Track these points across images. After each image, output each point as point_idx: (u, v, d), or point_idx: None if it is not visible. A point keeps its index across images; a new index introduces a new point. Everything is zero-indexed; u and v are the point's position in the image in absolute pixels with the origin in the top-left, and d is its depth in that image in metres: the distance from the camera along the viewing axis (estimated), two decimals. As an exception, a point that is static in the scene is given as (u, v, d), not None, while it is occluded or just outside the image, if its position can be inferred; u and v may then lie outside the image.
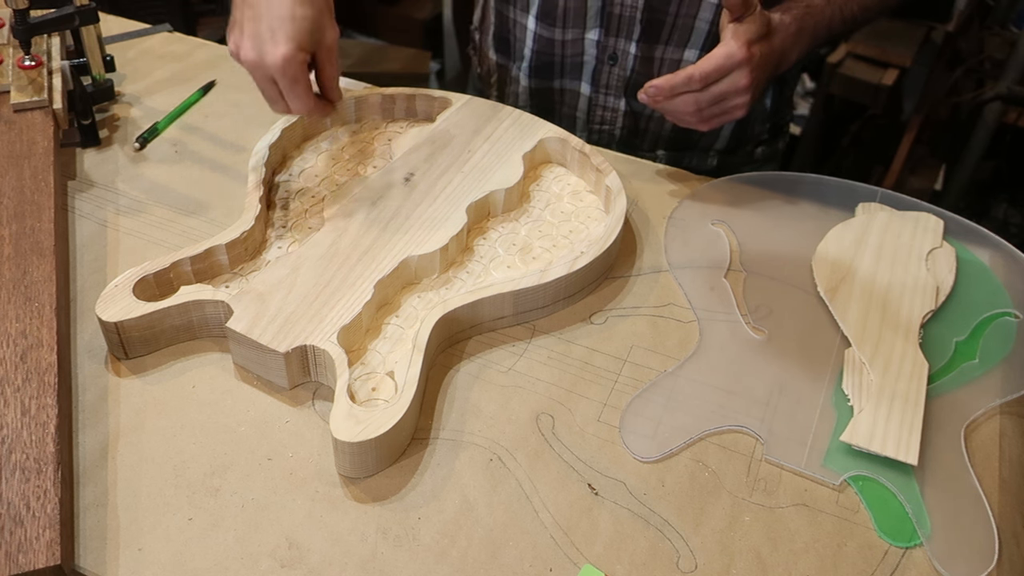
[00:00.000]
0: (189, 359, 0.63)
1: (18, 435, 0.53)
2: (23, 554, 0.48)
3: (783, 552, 0.52)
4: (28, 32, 0.79)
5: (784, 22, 0.74)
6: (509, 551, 0.52)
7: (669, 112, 0.74)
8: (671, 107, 0.73)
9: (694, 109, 0.72)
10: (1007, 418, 0.61)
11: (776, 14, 0.75)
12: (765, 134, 0.98)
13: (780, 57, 0.75)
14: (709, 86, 0.71)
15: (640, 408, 0.60)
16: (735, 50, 0.70)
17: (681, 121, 0.74)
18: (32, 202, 0.70)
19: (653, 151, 0.95)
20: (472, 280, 0.68)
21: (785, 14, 0.75)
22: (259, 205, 0.70)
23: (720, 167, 0.92)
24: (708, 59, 0.70)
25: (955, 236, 0.76)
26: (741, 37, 0.70)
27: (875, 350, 0.64)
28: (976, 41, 2.07)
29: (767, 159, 1.01)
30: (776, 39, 0.74)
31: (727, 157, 0.97)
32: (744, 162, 0.98)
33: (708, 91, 0.71)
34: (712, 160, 0.97)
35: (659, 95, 0.71)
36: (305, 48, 0.68)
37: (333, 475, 0.55)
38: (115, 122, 0.88)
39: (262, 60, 0.67)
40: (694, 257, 0.73)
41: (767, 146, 1.00)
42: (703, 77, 0.70)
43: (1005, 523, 0.54)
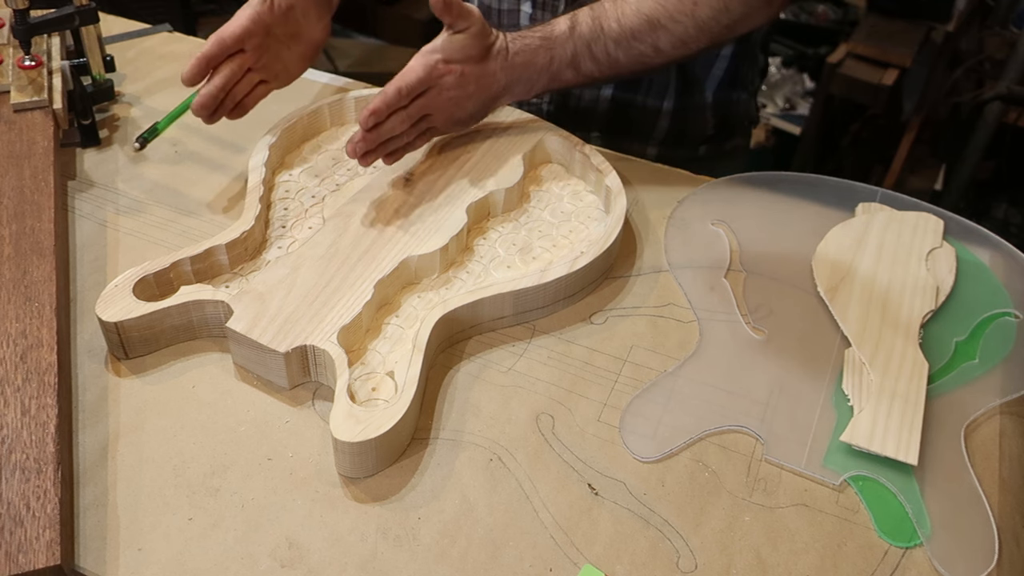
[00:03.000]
0: (189, 359, 0.63)
1: (18, 435, 0.53)
2: (23, 554, 0.48)
3: (783, 552, 0.52)
4: (28, 32, 0.79)
5: (508, 50, 0.73)
6: (509, 551, 0.52)
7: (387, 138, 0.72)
8: (388, 130, 0.71)
9: (406, 126, 0.71)
10: (1007, 418, 0.61)
11: (503, 40, 0.73)
12: (710, 130, 0.97)
13: (500, 85, 0.73)
14: (414, 100, 0.70)
15: (640, 408, 0.60)
16: (434, 62, 0.70)
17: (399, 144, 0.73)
18: (32, 202, 0.70)
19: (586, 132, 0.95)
20: (472, 280, 0.68)
21: (516, 42, 0.73)
22: (259, 205, 0.70)
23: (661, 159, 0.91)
24: (409, 71, 0.70)
25: (955, 236, 0.76)
26: (444, 51, 0.70)
27: (875, 350, 0.64)
28: (976, 41, 2.07)
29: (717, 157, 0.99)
30: (493, 65, 0.72)
31: (668, 150, 0.96)
32: (688, 158, 0.95)
33: (413, 104, 0.71)
34: (652, 150, 0.96)
35: (378, 117, 0.69)
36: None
37: (333, 475, 0.55)
38: (115, 122, 0.88)
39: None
40: (694, 257, 0.73)
41: (711, 144, 0.98)
42: (409, 90, 0.69)
43: (1005, 523, 0.54)
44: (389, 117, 0.70)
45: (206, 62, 0.74)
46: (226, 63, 0.75)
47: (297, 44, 0.80)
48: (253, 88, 0.79)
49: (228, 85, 0.76)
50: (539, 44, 0.74)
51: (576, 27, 0.74)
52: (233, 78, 0.76)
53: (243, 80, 0.77)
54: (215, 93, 0.75)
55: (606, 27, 0.74)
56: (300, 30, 0.79)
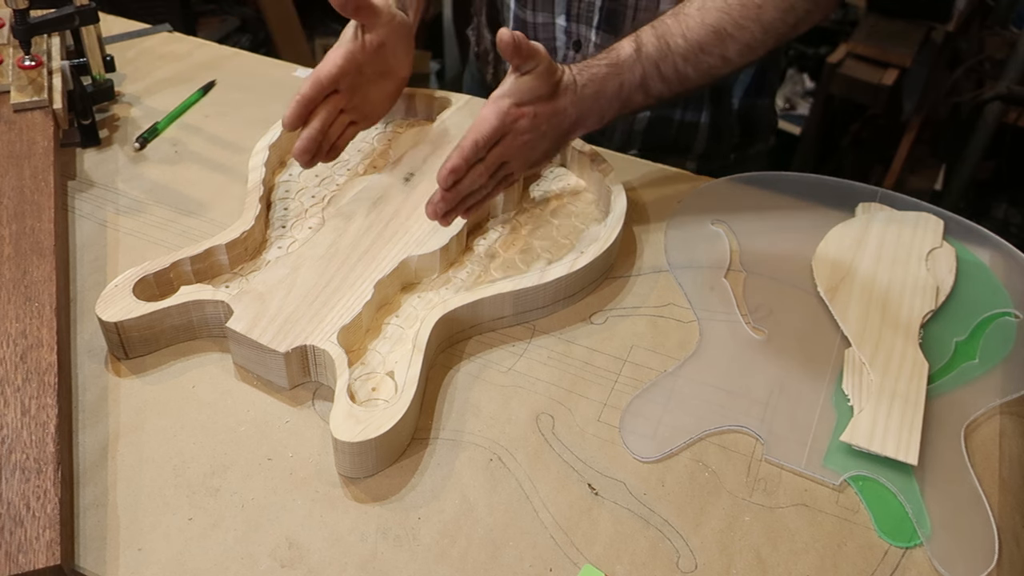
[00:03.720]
0: (189, 359, 0.63)
1: (18, 435, 0.53)
2: (23, 554, 0.48)
3: (783, 552, 0.52)
4: (28, 32, 0.79)
5: (576, 83, 0.70)
6: (509, 551, 0.52)
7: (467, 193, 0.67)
8: (468, 185, 0.67)
9: (485, 178, 0.68)
10: (1007, 418, 0.61)
11: (570, 73, 0.70)
12: (736, 137, 0.97)
13: (572, 119, 0.70)
14: (491, 149, 0.67)
15: (640, 408, 0.60)
16: (506, 108, 0.67)
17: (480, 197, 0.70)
18: (32, 202, 0.70)
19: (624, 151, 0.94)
20: (472, 280, 0.68)
21: (583, 73, 0.70)
22: (259, 205, 0.70)
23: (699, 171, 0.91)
24: (482, 121, 0.66)
25: (955, 236, 0.76)
26: (514, 95, 0.67)
27: (875, 350, 0.64)
28: (976, 41, 2.07)
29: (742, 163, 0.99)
30: (563, 100, 0.69)
31: (706, 163, 0.96)
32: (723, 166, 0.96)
33: (491, 155, 0.67)
34: (691, 164, 0.96)
35: (458, 175, 0.65)
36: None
37: (333, 475, 0.55)
38: (115, 122, 0.88)
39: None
40: (694, 257, 0.73)
41: (738, 151, 0.99)
42: (486, 142, 0.66)
43: (1005, 523, 0.54)
44: (468, 172, 0.67)
45: (306, 104, 0.71)
46: (322, 105, 0.72)
47: (386, 82, 0.78)
48: (344, 129, 0.76)
49: (325, 127, 0.72)
50: (607, 72, 0.71)
51: (642, 48, 0.71)
52: (329, 119, 0.73)
53: (336, 122, 0.74)
54: (316, 136, 0.71)
55: (672, 44, 0.71)
56: (389, 67, 0.77)
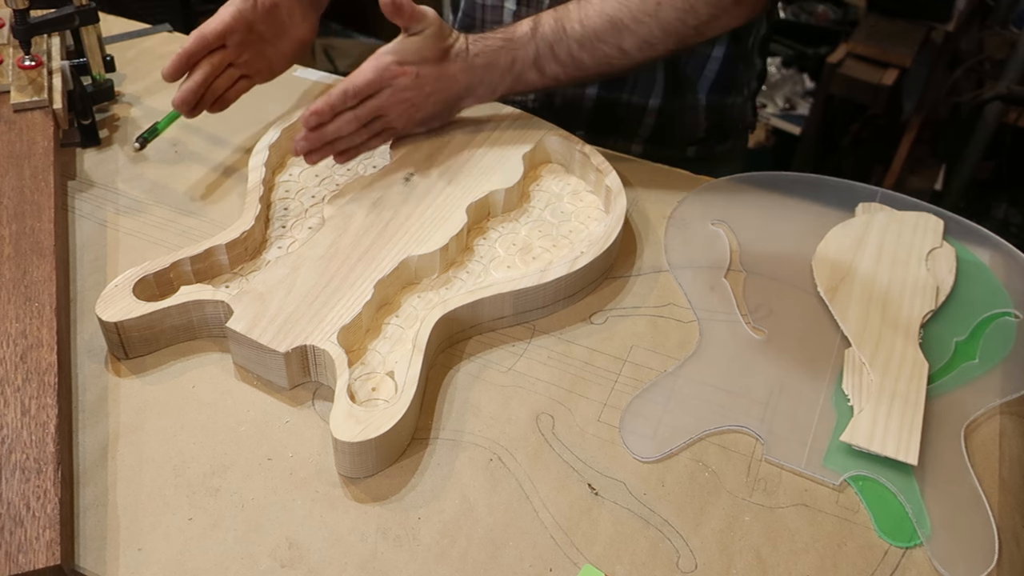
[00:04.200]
0: (189, 359, 0.63)
1: (18, 435, 0.53)
2: (23, 554, 0.48)
3: (783, 552, 0.52)
4: (28, 32, 0.79)
5: (468, 51, 0.72)
6: (509, 551, 0.52)
7: (333, 138, 0.71)
8: (334, 130, 0.71)
9: (356, 126, 0.71)
10: (1007, 418, 0.61)
11: (463, 41, 0.73)
12: (701, 132, 0.96)
13: (461, 86, 0.73)
14: (364, 101, 0.70)
15: (640, 408, 0.60)
16: (386, 64, 0.69)
17: (350, 144, 0.73)
18: (32, 202, 0.70)
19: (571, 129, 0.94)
20: (472, 280, 0.68)
21: (476, 43, 0.73)
22: (259, 205, 0.70)
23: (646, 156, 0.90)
24: (358, 73, 0.69)
25: (955, 236, 0.76)
26: (398, 53, 0.70)
27: (875, 350, 0.64)
28: (976, 41, 2.07)
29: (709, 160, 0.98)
30: (452, 66, 0.72)
31: (654, 148, 0.95)
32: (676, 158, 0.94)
33: (364, 106, 0.70)
34: (636, 147, 0.96)
35: (321, 118, 0.69)
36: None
37: (333, 475, 0.55)
38: (115, 122, 0.88)
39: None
40: (694, 257, 0.73)
41: (701, 146, 0.97)
42: (356, 92, 0.69)
43: (1005, 523, 0.54)
44: (335, 118, 0.70)
45: (186, 58, 0.75)
46: (206, 59, 0.76)
47: (281, 42, 0.80)
48: (234, 83, 0.79)
49: (208, 80, 0.76)
50: (500, 45, 0.74)
51: (538, 28, 0.74)
52: (213, 73, 0.76)
53: (223, 75, 0.78)
54: (195, 88, 0.75)
55: (569, 28, 0.73)
56: (284, 28, 0.80)
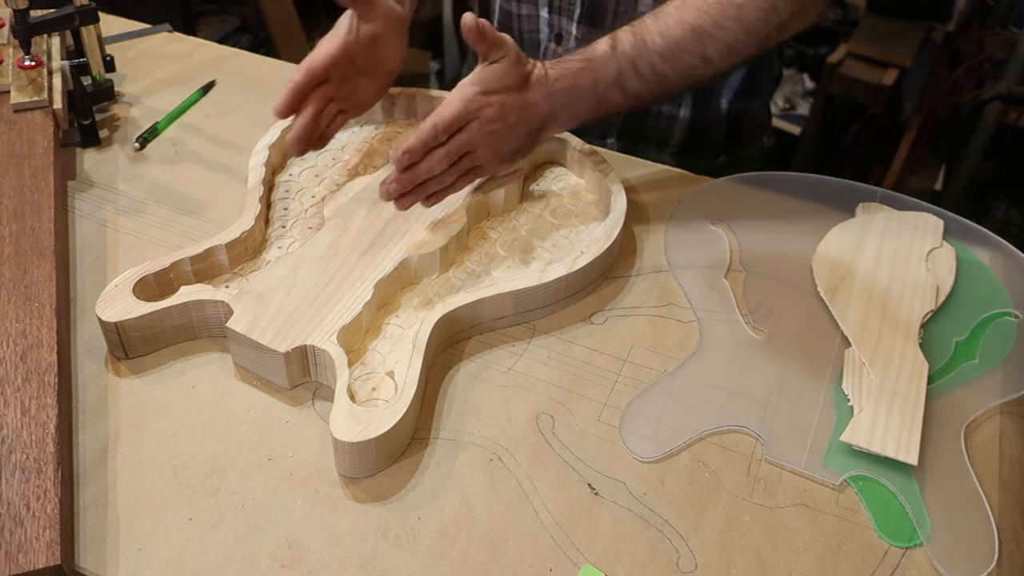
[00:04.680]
0: (189, 359, 0.63)
1: (18, 435, 0.53)
2: (23, 554, 0.48)
3: (783, 552, 0.52)
4: (28, 32, 0.79)
5: (548, 76, 0.69)
6: (509, 551, 0.52)
7: (424, 179, 0.67)
8: (426, 170, 0.67)
9: (447, 164, 0.67)
10: (1007, 418, 0.61)
11: (542, 67, 0.70)
12: (723, 139, 0.96)
13: (544, 113, 0.70)
14: (452, 136, 0.67)
15: (640, 408, 0.60)
16: (471, 95, 0.66)
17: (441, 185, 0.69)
18: (32, 202, 0.70)
19: (603, 139, 0.93)
20: (472, 280, 0.68)
21: (556, 67, 0.70)
22: (259, 205, 0.70)
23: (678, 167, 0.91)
24: (445, 106, 0.66)
25: (955, 236, 0.76)
26: (481, 84, 0.67)
27: (875, 350, 0.64)
28: (976, 41, 2.07)
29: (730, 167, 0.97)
30: (534, 94, 0.68)
31: (683, 159, 0.95)
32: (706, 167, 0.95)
33: (454, 140, 0.67)
34: (667, 158, 0.95)
35: (413, 157, 0.65)
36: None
37: (333, 475, 0.55)
38: (115, 122, 0.88)
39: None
40: (694, 257, 0.73)
41: (728, 154, 0.97)
42: (446, 126, 0.66)
43: (1005, 523, 0.54)
44: (426, 156, 0.66)
45: (298, 92, 0.71)
46: (313, 94, 0.73)
47: (376, 73, 0.78)
48: (333, 118, 0.76)
49: (318, 115, 0.73)
50: (580, 67, 0.70)
51: (618, 46, 0.71)
52: (320, 108, 0.73)
53: (326, 110, 0.75)
54: (309, 125, 0.72)
55: (649, 42, 0.70)
56: (381, 60, 0.77)
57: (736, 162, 0.99)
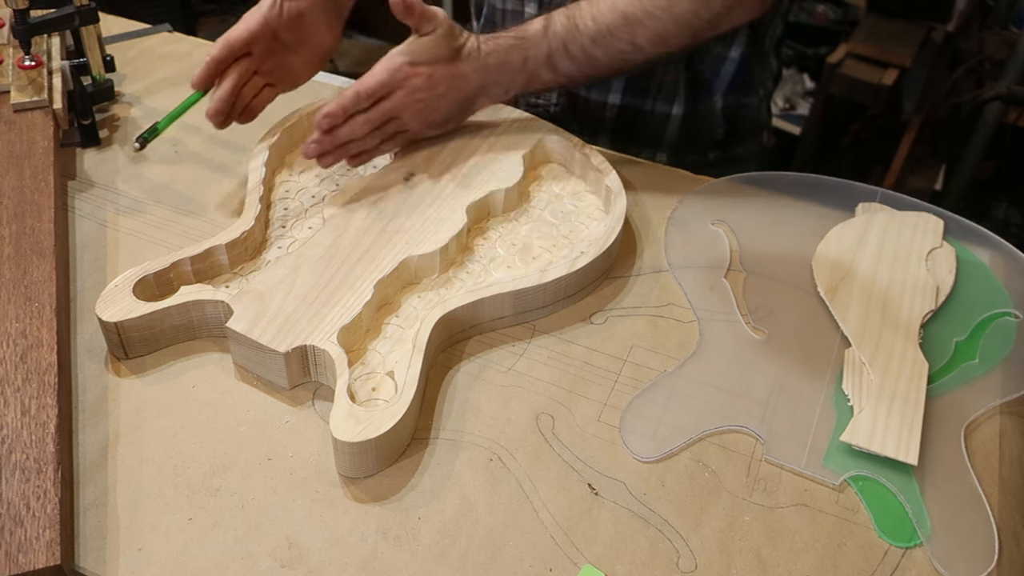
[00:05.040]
0: (189, 359, 0.63)
1: (18, 435, 0.53)
2: (23, 554, 0.48)
3: (783, 552, 0.52)
4: (28, 32, 0.79)
5: (480, 51, 0.72)
6: (509, 551, 0.52)
7: (346, 141, 0.71)
8: (347, 133, 0.71)
9: (368, 129, 0.71)
10: (1007, 418, 0.61)
11: (475, 41, 0.72)
12: (720, 135, 0.96)
13: (474, 86, 0.73)
14: (377, 103, 0.70)
15: (640, 408, 0.60)
16: (398, 65, 0.69)
17: (363, 147, 0.73)
18: (32, 202, 0.70)
19: (594, 136, 0.94)
20: (472, 280, 0.68)
21: (488, 42, 0.73)
22: (259, 205, 0.70)
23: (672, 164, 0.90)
24: (370, 74, 0.69)
25: (955, 236, 0.76)
26: (409, 54, 0.69)
27: (875, 350, 0.64)
28: (976, 41, 2.07)
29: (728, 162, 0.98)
30: (464, 66, 0.71)
31: (678, 156, 0.95)
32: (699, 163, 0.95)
33: (377, 108, 0.70)
34: (661, 156, 0.96)
35: (333, 120, 0.69)
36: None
37: (333, 475, 0.55)
38: (115, 122, 0.88)
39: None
40: (694, 257, 0.73)
41: (722, 150, 0.97)
42: (368, 93, 0.69)
43: (1005, 523, 0.54)
44: (348, 120, 0.70)
45: (215, 65, 0.74)
46: (233, 67, 0.75)
47: (305, 50, 0.80)
48: (259, 92, 0.79)
49: (237, 89, 0.76)
50: (512, 44, 0.73)
51: (550, 26, 0.73)
52: (240, 82, 0.76)
53: (249, 84, 0.77)
54: (227, 98, 0.75)
55: (581, 25, 0.73)
56: (308, 37, 0.79)
57: (733, 159, 0.99)
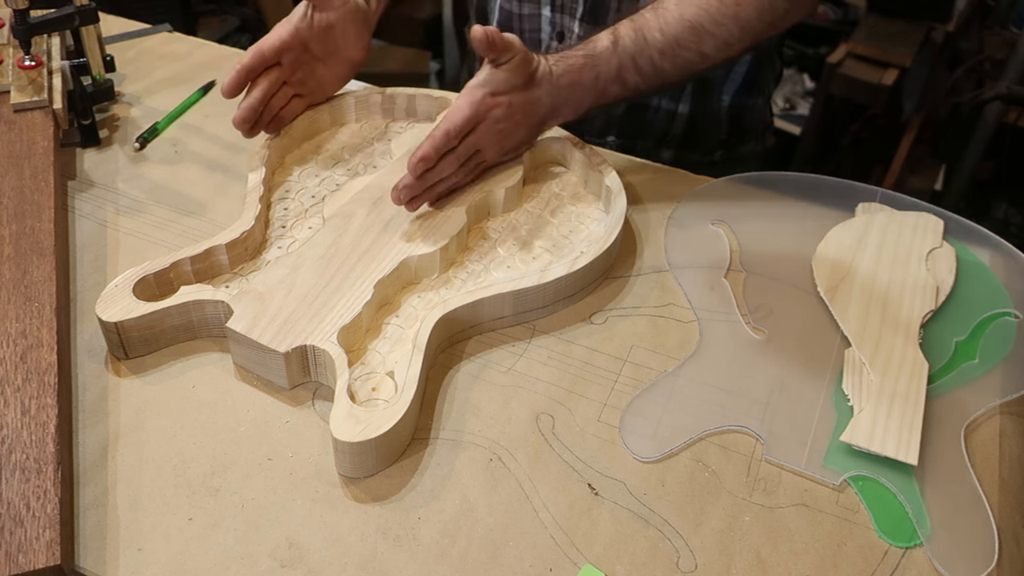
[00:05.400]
0: (189, 359, 0.63)
1: (18, 435, 0.53)
2: (23, 554, 0.48)
3: (783, 552, 0.52)
4: (28, 32, 0.79)
5: (552, 73, 0.71)
6: (509, 551, 0.52)
7: (434, 180, 0.70)
8: (437, 174, 0.69)
9: (456, 166, 0.70)
10: (1007, 418, 0.61)
11: (546, 63, 0.72)
12: (723, 135, 0.97)
13: (547, 109, 0.72)
14: (463, 139, 0.69)
15: (640, 408, 0.60)
16: (480, 98, 0.68)
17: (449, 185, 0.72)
18: (32, 202, 0.70)
19: (603, 134, 0.94)
20: (472, 280, 0.68)
21: (559, 63, 0.72)
22: (259, 205, 0.70)
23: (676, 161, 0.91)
24: (456, 111, 0.68)
25: (955, 236, 0.76)
26: (489, 85, 0.69)
27: (875, 350, 0.64)
28: (976, 41, 2.07)
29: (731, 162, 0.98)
30: (539, 91, 0.71)
31: (682, 154, 0.96)
32: (703, 161, 0.96)
33: (464, 144, 0.69)
34: (666, 153, 0.96)
35: (428, 164, 0.67)
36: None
37: (333, 475, 0.55)
38: (115, 122, 0.88)
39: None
40: (694, 257, 0.73)
41: (727, 150, 0.98)
42: (458, 131, 0.68)
43: (1005, 523, 0.54)
44: (439, 161, 0.68)
45: (246, 73, 0.74)
46: (263, 76, 0.75)
47: (334, 61, 0.79)
48: (288, 101, 0.79)
49: (266, 98, 0.76)
50: (583, 63, 0.72)
51: (619, 41, 0.73)
52: (270, 91, 0.76)
53: (279, 93, 0.77)
54: (255, 106, 0.74)
55: (650, 38, 0.72)
56: (338, 48, 0.79)
57: (736, 158, 0.99)
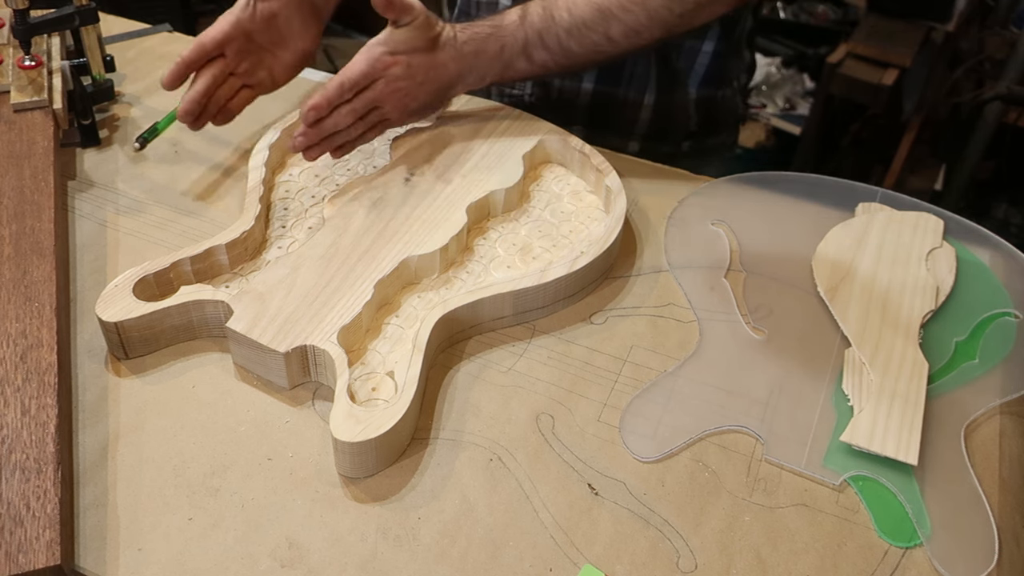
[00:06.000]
0: (189, 359, 0.63)
1: (18, 435, 0.53)
2: (23, 554, 0.48)
3: (783, 552, 0.52)
4: (28, 32, 0.79)
5: (457, 39, 0.73)
6: (509, 551, 0.52)
7: (331, 132, 0.72)
8: (331, 125, 0.71)
9: (353, 119, 0.72)
10: (1007, 418, 0.61)
11: (451, 29, 0.73)
12: (693, 126, 0.96)
13: (451, 74, 0.74)
14: (359, 93, 0.71)
15: (640, 408, 0.60)
16: (377, 55, 0.70)
17: (348, 138, 0.73)
18: (32, 202, 0.70)
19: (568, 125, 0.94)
20: (472, 280, 0.68)
21: (465, 31, 0.74)
22: (259, 205, 0.70)
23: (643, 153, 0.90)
24: (351, 65, 0.70)
25: (955, 236, 0.76)
26: (388, 44, 0.70)
27: (875, 350, 0.64)
28: (976, 41, 2.07)
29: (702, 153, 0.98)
30: (442, 55, 0.72)
31: (650, 144, 0.96)
32: (672, 152, 0.96)
33: (360, 98, 0.71)
34: (633, 144, 0.96)
35: (319, 113, 0.70)
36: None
37: (333, 475, 0.55)
38: (115, 122, 0.88)
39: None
40: (694, 257, 0.73)
41: (694, 140, 0.98)
42: (351, 84, 0.70)
43: (1005, 523, 0.54)
44: (333, 112, 0.71)
45: (185, 66, 0.75)
46: (206, 68, 0.76)
47: (282, 51, 0.80)
48: (236, 93, 0.79)
49: (210, 90, 0.76)
50: (489, 33, 0.74)
51: (527, 16, 0.74)
52: (214, 83, 0.77)
53: (225, 85, 0.78)
54: (197, 98, 0.76)
55: (557, 16, 0.74)
56: (284, 37, 0.79)
57: (706, 150, 0.99)
